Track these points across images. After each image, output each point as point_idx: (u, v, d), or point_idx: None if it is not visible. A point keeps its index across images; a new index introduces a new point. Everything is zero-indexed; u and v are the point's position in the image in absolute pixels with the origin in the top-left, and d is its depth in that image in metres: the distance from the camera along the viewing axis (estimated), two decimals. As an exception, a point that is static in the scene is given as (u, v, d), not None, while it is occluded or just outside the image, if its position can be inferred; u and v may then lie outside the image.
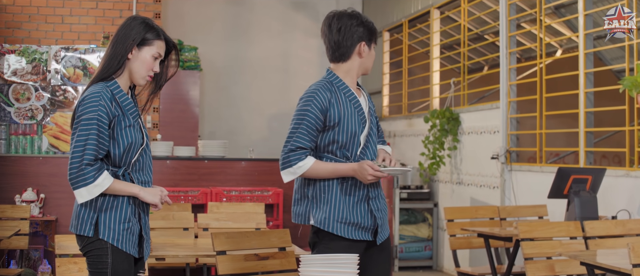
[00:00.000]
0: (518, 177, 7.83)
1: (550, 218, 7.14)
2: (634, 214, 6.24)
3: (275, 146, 11.67)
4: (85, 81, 7.96)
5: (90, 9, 10.34)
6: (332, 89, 4.17)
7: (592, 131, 7.02)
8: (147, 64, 3.79)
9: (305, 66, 12.81)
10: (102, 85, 3.71)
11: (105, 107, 3.63)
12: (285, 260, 4.91)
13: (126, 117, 3.71)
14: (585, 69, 6.97)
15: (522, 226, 5.59)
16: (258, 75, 12.44)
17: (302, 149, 4.10)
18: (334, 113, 4.10)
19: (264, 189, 7.85)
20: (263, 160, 8.33)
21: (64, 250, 4.63)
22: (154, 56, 3.80)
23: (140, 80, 3.81)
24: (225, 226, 6.41)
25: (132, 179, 3.74)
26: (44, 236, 7.60)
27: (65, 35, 10.25)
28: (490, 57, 9.87)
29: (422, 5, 10.38)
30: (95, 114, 3.60)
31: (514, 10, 8.14)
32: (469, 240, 7.03)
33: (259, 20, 12.60)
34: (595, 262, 4.73)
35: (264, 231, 4.99)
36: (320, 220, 4.12)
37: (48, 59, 7.89)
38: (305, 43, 12.84)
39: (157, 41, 3.82)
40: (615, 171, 6.49)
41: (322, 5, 12.93)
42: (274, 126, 12.54)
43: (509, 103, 8.00)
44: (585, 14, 6.97)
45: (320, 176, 4.12)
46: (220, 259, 4.71)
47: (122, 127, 3.68)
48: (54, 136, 7.83)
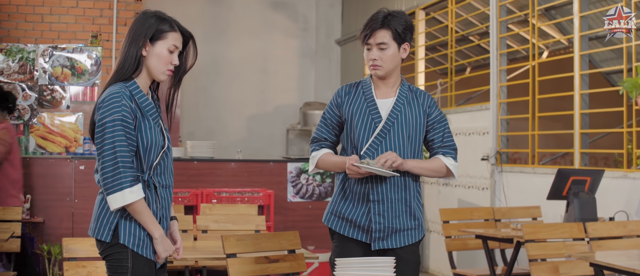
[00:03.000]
0: (509, 178, 7.84)
1: (544, 219, 7.15)
2: (632, 216, 6.27)
3: (254, 146, 11.64)
4: (74, 80, 7.83)
5: (70, 7, 10.19)
6: (356, 88, 4.31)
7: (587, 133, 7.05)
8: (164, 59, 3.63)
9: (285, 66, 12.77)
10: (121, 85, 3.59)
11: (127, 106, 3.51)
12: (295, 262, 4.87)
13: (146, 118, 3.58)
14: (581, 71, 6.99)
15: (526, 228, 5.59)
16: (237, 75, 12.37)
17: (319, 141, 4.34)
18: (347, 109, 4.25)
19: (254, 190, 7.78)
20: (252, 161, 8.28)
21: (72, 253, 4.54)
22: (169, 50, 3.64)
23: (160, 76, 3.67)
24: (224, 228, 6.33)
25: (155, 184, 3.65)
26: (31, 239, 7.46)
27: (45, 34, 10.09)
28: (477, 59, 9.89)
29: (406, 6, 10.36)
30: (119, 115, 3.48)
31: (505, 12, 8.16)
32: (465, 241, 7.02)
33: (239, 20, 12.53)
34: (606, 263, 4.74)
35: (274, 234, 4.93)
36: (324, 214, 4.39)
37: (35, 58, 7.75)
38: (285, 43, 12.79)
39: (171, 33, 3.66)
40: (613, 173, 6.51)
41: (302, 5, 12.90)
42: (253, 126, 12.48)
43: (499, 104, 8.01)
44: (581, 16, 6.99)
45: (328, 168, 4.34)
46: (231, 262, 4.65)
47: (142, 129, 3.56)
48: (41, 136, 7.69)
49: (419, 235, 4.29)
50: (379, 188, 4.17)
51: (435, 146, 4.30)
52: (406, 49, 4.22)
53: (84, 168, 7.51)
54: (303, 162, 8.13)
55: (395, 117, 4.18)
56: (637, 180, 6.27)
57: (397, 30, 4.16)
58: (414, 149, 4.25)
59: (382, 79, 4.25)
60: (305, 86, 12.88)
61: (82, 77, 7.80)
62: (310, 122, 11.65)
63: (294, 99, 12.75)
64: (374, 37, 4.18)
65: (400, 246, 4.21)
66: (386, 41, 4.16)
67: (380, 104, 4.23)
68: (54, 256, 7.34)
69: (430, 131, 4.29)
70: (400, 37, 4.18)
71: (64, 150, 7.72)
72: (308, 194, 8.07)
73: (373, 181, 4.17)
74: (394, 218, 4.19)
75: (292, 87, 12.82)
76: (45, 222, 7.51)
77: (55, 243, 7.46)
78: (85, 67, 7.78)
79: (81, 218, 7.55)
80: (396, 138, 4.18)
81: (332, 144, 4.38)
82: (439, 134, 4.29)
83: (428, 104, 4.29)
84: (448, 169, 4.28)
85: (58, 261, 7.38)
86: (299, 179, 8.03)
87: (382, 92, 4.26)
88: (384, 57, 4.18)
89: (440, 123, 4.30)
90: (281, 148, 12.58)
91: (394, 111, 4.19)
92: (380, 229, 4.17)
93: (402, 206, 4.21)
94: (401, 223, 4.20)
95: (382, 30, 4.17)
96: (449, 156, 4.28)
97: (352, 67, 12.34)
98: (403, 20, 4.20)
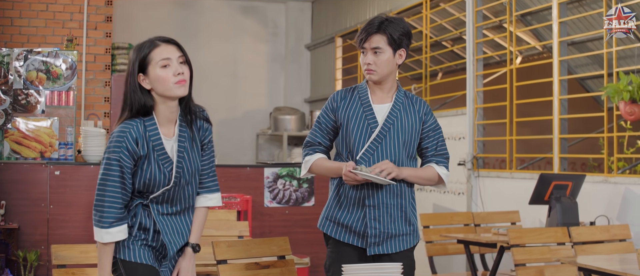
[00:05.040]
0: (485, 183, 7.87)
1: (522, 224, 7.20)
2: (613, 220, 6.33)
3: (223, 151, 11.56)
4: (49, 84, 7.72)
5: (40, 11, 10.08)
6: (352, 93, 4.30)
7: (566, 138, 7.11)
8: (164, 76, 3.50)
9: (254, 71, 12.73)
10: (136, 121, 3.52)
11: (127, 149, 3.47)
12: (286, 268, 4.84)
13: (152, 157, 3.53)
14: (560, 76, 7.05)
15: (512, 233, 5.62)
16: (207, 80, 12.30)
17: (312, 145, 4.34)
18: (343, 114, 4.25)
19: (231, 196, 7.73)
20: (229, 166, 8.22)
21: (61, 260, 4.45)
22: (162, 66, 3.51)
23: (173, 92, 3.52)
24: (208, 234, 6.26)
25: (150, 211, 3.61)
26: (6, 245, 7.34)
27: (15, 38, 9.98)
28: (450, 65, 9.93)
29: (379, 10, 10.38)
30: (117, 156, 3.47)
31: (481, 18, 8.20)
32: (445, 246, 7.03)
33: (208, 24, 12.47)
34: (594, 267, 4.78)
35: (264, 240, 4.90)
36: (319, 219, 4.38)
37: (10, 62, 7.63)
38: (255, 48, 12.75)
39: (153, 51, 3.54)
40: (593, 177, 6.57)
41: (271, 10, 12.87)
42: (222, 131, 12.40)
43: (476, 110, 8.05)
44: (560, 22, 7.05)
45: (322, 173, 4.34)
46: (222, 268, 4.61)
47: (144, 166, 3.52)
48: (16, 141, 7.57)
49: (414, 240, 4.31)
50: (375, 194, 4.17)
51: (429, 154, 4.31)
52: (402, 55, 4.22)
53: (59, 174, 7.41)
54: (280, 167, 8.09)
55: (391, 123, 4.18)
56: (618, 185, 6.33)
57: (393, 36, 4.15)
58: (409, 155, 4.26)
59: (378, 84, 4.25)
60: (275, 90, 12.84)
61: (57, 81, 7.69)
62: (281, 127, 11.62)
63: (264, 103, 12.71)
64: (370, 41, 4.18)
65: (396, 251, 4.21)
66: (381, 46, 4.15)
67: (376, 109, 4.22)
68: (30, 263, 7.23)
69: (424, 138, 4.29)
70: (396, 43, 4.17)
71: (39, 155, 7.61)
72: (285, 199, 8.04)
73: (369, 187, 4.17)
74: (389, 223, 4.19)
75: (261, 92, 12.78)
76: (20, 228, 7.39)
77: (31, 249, 7.35)
78: (60, 71, 7.67)
79: (56, 224, 7.44)
80: (392, 144, 4.18)
81: (326, 148, 4.38)
82: (433, 143, 4.30)
83: (424, 111, 4.30)
84: (439, 178, 4.30)
85: (34, 267, 7.28)
86: (276, 185, 8.00)
87: (378, 97, 4.26)
88: (378, 62, 4.17)
89: (435, 131, 4.31)
90: (251, 153, 12.54)
91: (390, 116, 4.19)
92: (375, 234, 4.17)
93: (397, 212, 4.22)
94: (396, 229, 4.21)
95: (378, 35, 4.17)
96: (442, 164, 4.31)
97: (322, 72, 12.33)
98: (400, 26, 4.19)
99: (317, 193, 8.06)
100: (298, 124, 11.63)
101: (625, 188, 6.27)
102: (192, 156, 3.65)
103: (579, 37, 7.36)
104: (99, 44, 10.24)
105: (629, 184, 6.25)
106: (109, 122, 10.08)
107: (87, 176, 7.53)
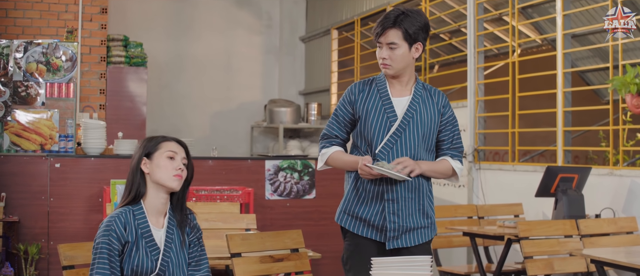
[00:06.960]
0: (487, 176, 7.87)
1: (525, 216, 7.20)
2: (619, 212, 6.35)
3: (218, 143, 11.49)
4: (49, 76, 7.65)
5: (35, 2, 10.01)
6: (370, 85, 4.28)
7: (570, 130, 7.11)
8: (166, 165, 3.67)
9: (249, 63, 12.69)
10: (125, 209, 3.67)
11: (116, 233, 3.58)
12: (299, 261, 4.83)
13: (140, 244, 3.63)
14: (564, 69, 7.05)
15: (521, 225, 5.63)
16: (201, 72, 12.26)
17: (329, 138, 4.32)
18: (360, 106, 4.22)
19: (232, 188, 7.70)
20: (230, 159, 8.17)
21: (70, 260, 4.30)
22: (168, 156, 3.68)
23: (169, 183, 3.67)
24: (216, 227, 6.24)
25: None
26: (6, 238, 7.28)
27: (10, 30, 9.91)
28: (448, 58, 9.92)
29: (376, 3, 10.36)
30: (106, 239, 3.57)
31: (482, 10, 8.19)
32: (449, 238, 7.03)
33: (202, 16, 12.41)
34: (607, 259, 4.78)
35: (277, 233, 4.88)
36: (337, 213, 4.36)
37: (10, 54, 7.56)
38: (249, 40, 12.71)
39: (165, 142, 3.74)
40: (598, 170, 6.58)
41: (266, 2, 12.82)
42: (217, 123, 12.37)
43: (477, 102, 8.05)
44: (564, 14, 7.05)
45: (339, 166, 4.32)
46: (236, 261, 4.61)
47: (132, 254, 3.62)
48: (15, 133, 7.51)
49: (432, 234, 4.30)
50: (394, 188, 4.15)
51: (444, 147, 4.30)
52: (418, 48, 4.18)
53: (60, 166, 7.36)
54: (281, 159, 8.06)
55: (410, 117, 4.16)
56: (624, 177, 6.34)
57: (409, 30, 4.11)
58: (428, 148, 4.24)
59: (396, 78, 4.23)
60: (270, 83, 12.81)
61: (57, 73, 7.63)
62: (277, 119, 11.59)
63: (258, 96, 12.67)
64: (385, 36, 4.15)
65: (414, 244, 4.21)
66: (396, 41, 4.12)
67: (395, 102, 4.20)
68: (30, 256, 7.18)
69: (441, 130, 4.27)
70: (412, 38, 4.13)
71: (39, 148, 7.55)
72: (286, 192, 8.01)
73: (387, 181, 4.15)
74: (407, 217, 4.18)
75: (256, 84, 12.74)
76: (20, 221, 7.33)
77: (31, 242, 7.29)
78: (60, 63, 7.61)
79: (57, 217, 7.38)
80: (411, 137, 4.16)
81: (343, 141, 4.36)
82: (450, 135, 4.28)
83: (443, 104, 4.27)
84: (453, 171, 4.29)
85: (35, 261, 7.23)
86: (277, 177, 7.97)
87: (396, 90, 4.24)
88: (393, 57, 4.15)
89: (452, 124, 4.29)
90: (245, 145, 12.50)
91: (409, 110, 4.17)
92: (394, 228, 4.16)
93: (415, 205, 4.21)
94: (414, 222, 4.20)
95: (393, 29, 4.13)
96: (456, 158, 4.31)
97: (316, 64, 12.30)
98: (417, 20, 4.15)
99: (318, 186, 8.03)
100: (294, 117, 11.60)
101: (631, 181, 6.28)
102: (179, 249, 3.74)
103: (581, 31, 7.36)
104: (95, 36, 10.17)
105: (634, 177, 6.26)
106: (104, 114, 10.02)
107: (87, 168, 7.47)
